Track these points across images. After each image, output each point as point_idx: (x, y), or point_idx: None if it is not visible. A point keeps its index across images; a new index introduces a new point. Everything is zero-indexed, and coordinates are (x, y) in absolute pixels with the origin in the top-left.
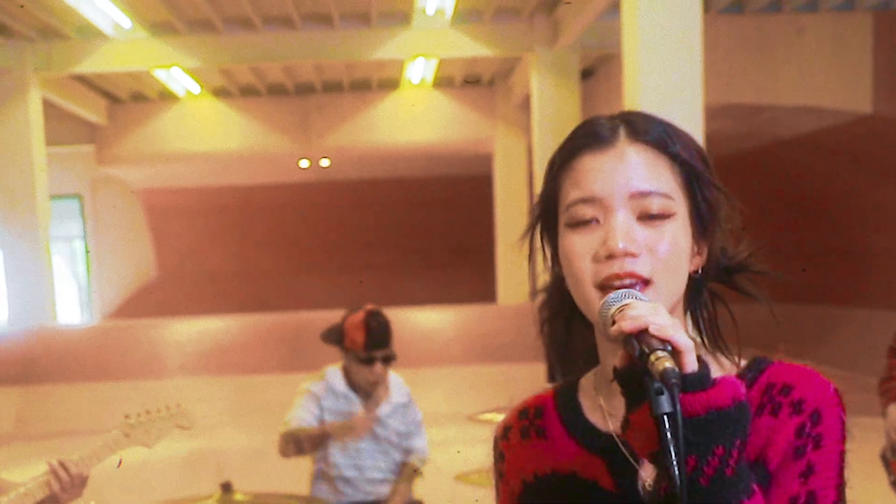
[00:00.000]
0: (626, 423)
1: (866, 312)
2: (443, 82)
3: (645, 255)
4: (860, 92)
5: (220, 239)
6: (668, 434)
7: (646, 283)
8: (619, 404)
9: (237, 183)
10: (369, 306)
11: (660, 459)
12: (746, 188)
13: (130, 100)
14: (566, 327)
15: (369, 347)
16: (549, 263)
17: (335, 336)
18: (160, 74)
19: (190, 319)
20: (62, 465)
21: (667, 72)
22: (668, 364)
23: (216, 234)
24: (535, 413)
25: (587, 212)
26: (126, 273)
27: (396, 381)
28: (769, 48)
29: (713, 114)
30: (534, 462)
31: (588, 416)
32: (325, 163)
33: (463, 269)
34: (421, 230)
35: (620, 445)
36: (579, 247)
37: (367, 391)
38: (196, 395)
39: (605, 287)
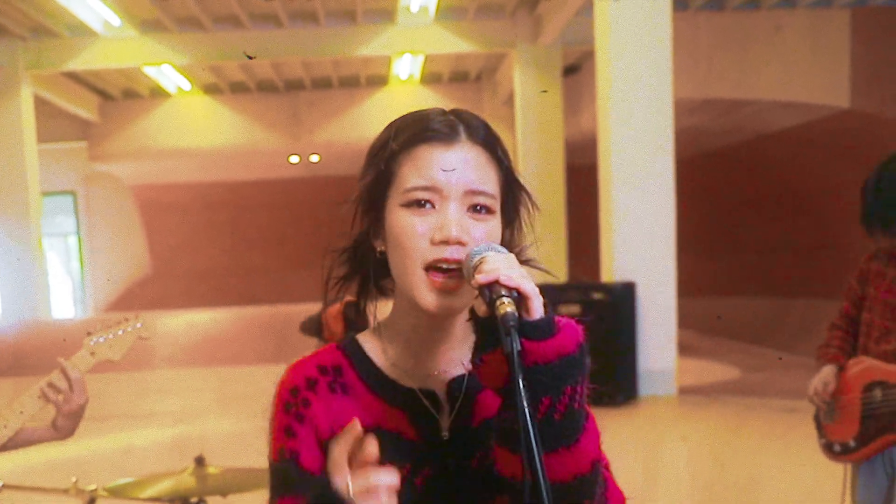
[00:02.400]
0: (478, 362)
1: None
2: (430, 78)
3: (469, 245)
4: (838, 87)
5: (212, 234)
6: (516, 368)
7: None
8: (414, 364)
9: (228, 179)
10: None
11: (509, 393)
12: (728, 182)
13: (122, 97)
14: (360, 294)
15: None
16: (355, 230)
17: (314, 327)
18: (151, 71)
19: (178, 312)
20: (63, 371)
21: (637, 67)
22: (509, 309)
23: (208, 229)
24: (335, 371)
25: (425, 196)
26: (119, 268)
27: None
28: (748, 44)
29: (694, 109)
30: (343, 416)
31: (385, 371)
32: (314, 158)
33: None
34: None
35: (421, 397)
36: (415, 228)
37: None
38: (182, 385)
39: (430, 268)
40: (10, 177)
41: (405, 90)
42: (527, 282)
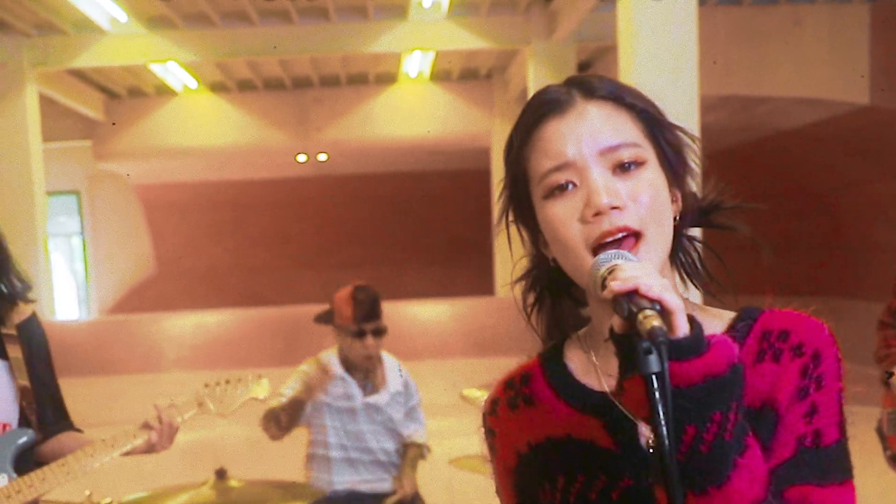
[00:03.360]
0: (619, 389)
1: (865, 305)
2: (440, 76)
3: (630, 206)
4: (857, 83)
5: (218, 234)
6: (657, 394)
7: (637, 235)
8: (614, 363)
9: (234, 178)
10: (357, 282)
11: (651, 422)
12: (745, 180)
13: (127, 95)
14: (554, 307)
15: (359, 320)
16: (528, 247)
17: (326, 315)
18: (157, 69)
19: (186, 314)
20: (159, 415)
21: (662, 63)
22: (656, 322)
23: (213, 229)
24: (521, 381)
25: (561, 177)
26: (124, 268)
27: (392, 367)
28: (766, 40)
29: (710, 105)
30: (526, 431)
31: (578, 377)
32: (322, 157)
33: (461, 263)
34: (419, 224)
35: (616, 403)
36: (562, 213)
37: (364, 371)
38: (193, 389)
39: (598, 248)
40: (16, 176)
41: (415, 88)
42: (670, 293)
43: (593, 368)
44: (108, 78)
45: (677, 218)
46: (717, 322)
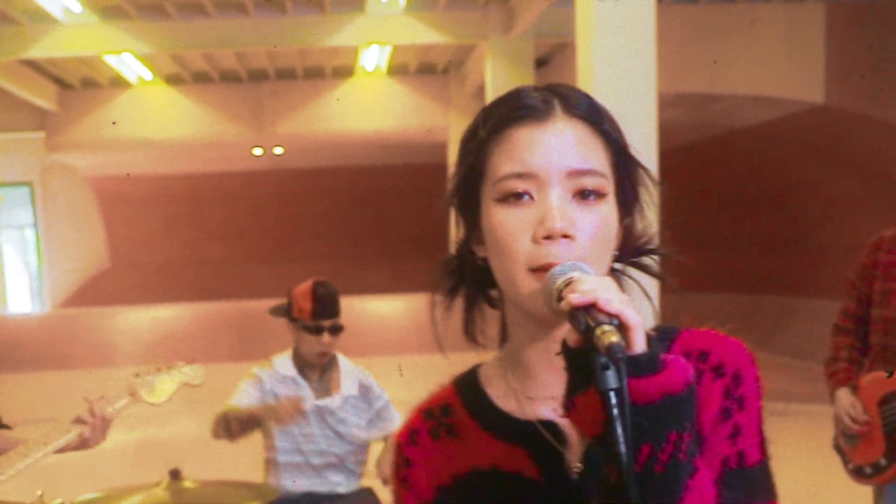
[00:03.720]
0: (569, 405)
1: (818, 303)
2: (397, 70)
3: (579, 240)
4: (813, 82)
5: (173, 227)
6: (616, 411)
7: None
8: (535, 387)
9: (190, 171)
10: (317, 277)
11: (606, 440)
12: (700, 177)
13: (81, 86)
14: (470, 304)
15: (317, 315)
16: (458, 237)
17: (282, 308)
18: (111, 60)
19: (141, 308)
20: (90, 408)
21: (620, 61)
22: (615, 338)
23: (169, 222)
24: (441, 412)
25: (519, 185)
26: (78, 261)
27: (348, 370)
28: (722, 38)
29: (666, 103)
30: (449, 464)
31: (499, 404)
32: (278, 151)
33: (417, 258)
34: (375, 218)
35: (542, 430)
36: (513, 225)
37: (318, 372)
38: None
39: (538, 270)
40: None
41: (371, 82)
42: (629, 309)
43: (513, 393)
44: (62, 69)
45: (617, 252)
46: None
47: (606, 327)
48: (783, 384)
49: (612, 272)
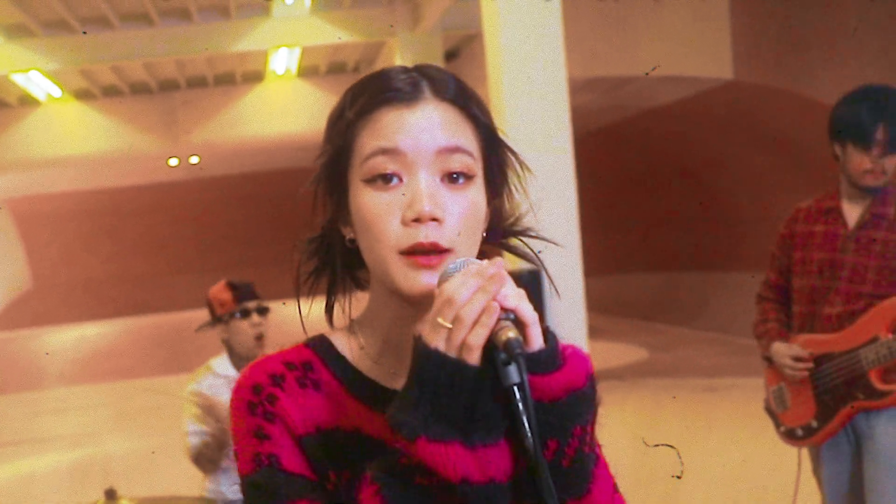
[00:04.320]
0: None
1: (740, 276)
2: (308, 72)
3: (448, 222)
4: (720, 58)
5: (93, 244)
6: (521, 406)
7: (445, 251)
8: (399, 364)
9: (107, 186)
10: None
11: (514, 435)
12: (616, 159)
13: None
14: (330, 289)
15: (239, 300)
16: (323, 217)
17: (208, 319)
18: (18, 79)
19: (66, 328)
20: None
21: (529, 50)
22: (512, 334)
23: (89, 238)
24: (305, 366)
25: (388, 165)
26: None
27: None
28: (629, 20)
29: (578, 88)
30: (315, 413)
31: (365, 372)
32: (194, 160)
33: None
34: (294, 222)
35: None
36: (381, 207)
37: (255, 354)
38: (78, 404)
39: (408, 253)
40: None
41: (282, 85)
42: (525, 304)
43: (375, 366)
44: None
45: (485, 234)
46: None
47: (504, 322)
48: (710, 359)
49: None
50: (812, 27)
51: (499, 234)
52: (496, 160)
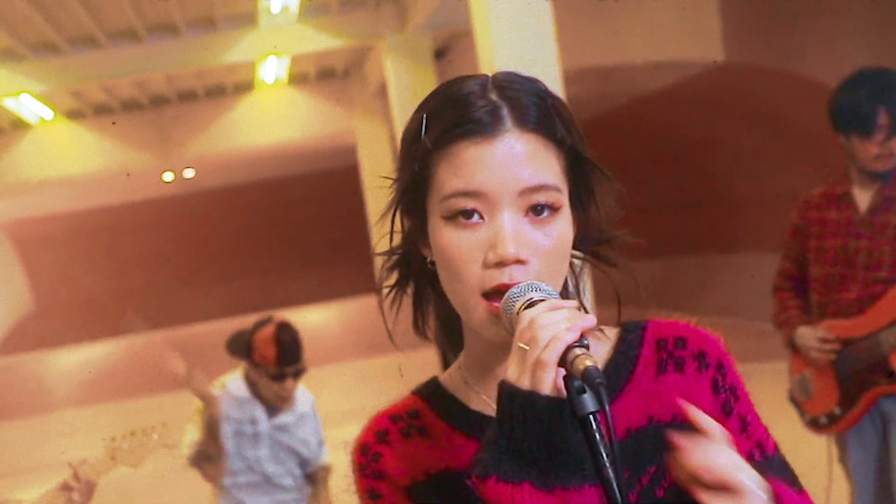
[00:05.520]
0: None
1: (739, 257)
2: (297, 79)
3: (533, 262)
4: (710, 40)
5: (93, 262)
6: (597, 434)
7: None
8: (495, 385)
9: (103, 204)
10: (279, 318)
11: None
12: (611, 148)
13: None
14: (420, 296)
15: (281, 364)
16: (408, 234)
17: (243, 349)
18: (9, 103)
19: (72, 349)
20: (75, 473)
21: (520, 44)
22: (590, 362)
23: (88, 257)
24: (410, 415)
25: (469, 204)
26: (1, 309)
27: (303, 391)
28: (615, 8)
29: (568, 79)
30: (422, 460)
31: (471, 406)
32: (189, 173)
33: (339, 263)
34: (293, 229)
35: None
36: (464, 247)
37: (274, 403)
38: (86, 426)
39: (490, 294)
40: None
41: (273, 94)
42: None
43: (479, 398)
44: None
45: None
46: (603, 340)
47: (578, 350)
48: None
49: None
50: (801, 3)
51: (587, 244)
52: (582, 180)
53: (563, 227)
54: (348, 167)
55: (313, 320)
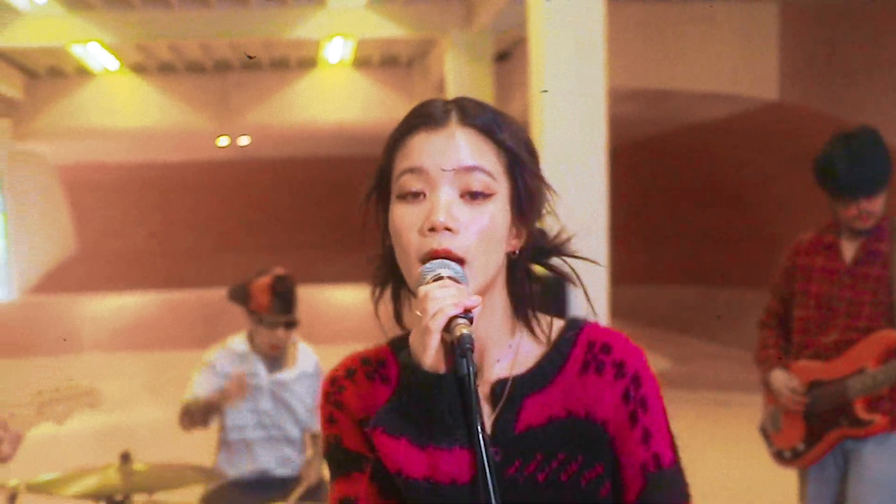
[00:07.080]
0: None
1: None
2: (361, 62)
3: (462, 233)
4: (767, 79)
5: (141, 216)
6: (473, 397)
7: (459, 261)
8: None
9: (157, 159)
10: (278, 270)
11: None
12: (655, 172)
13: (48, 75)
14: (395, 297)
15: (274, 311)
16: (381, 235)
17: (241, 296)
18: (77, 50)
19: (107, 296)
20: (3, 424)
21: (571, 56)
22: (466, 331)
23: (136, 211)
24: (378, 362)
25: (414, 183)
26: (45, 249)
27: (305, 350)
28: (677, 35)
29: (620, 98)
30: (377, 401)
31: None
32: (244, 141)
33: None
34: (338, 209)
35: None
36: (407, 219)
37: (269, 355)
38: (111, 371)
39: (425, 260)
40: None
41: (335, 73)
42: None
43: None
44: (28, 57)
45: (516, 252)
46: (540, 339)
47: (461, 321)
48: (731, 374)
49: (517, 271)
50: (860, 55)
51: (536, 253)
52: (524, 184)
53: (495, 212)
54: None
55: (346, 299)
